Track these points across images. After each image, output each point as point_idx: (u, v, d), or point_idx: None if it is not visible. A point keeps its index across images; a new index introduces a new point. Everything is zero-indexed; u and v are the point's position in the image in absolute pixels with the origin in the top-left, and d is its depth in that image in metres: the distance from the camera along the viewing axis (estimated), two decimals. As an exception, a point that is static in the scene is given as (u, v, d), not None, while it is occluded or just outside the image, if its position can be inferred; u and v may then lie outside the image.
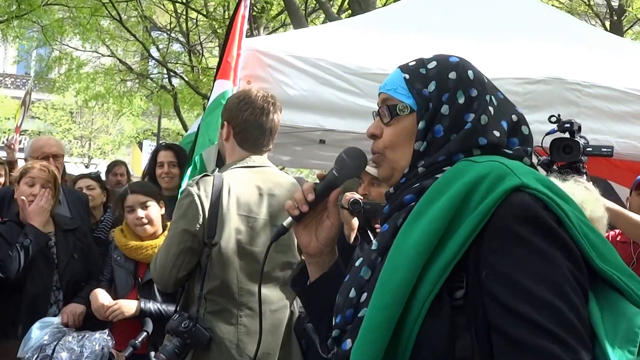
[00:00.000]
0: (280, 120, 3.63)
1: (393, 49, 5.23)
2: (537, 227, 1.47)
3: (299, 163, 9.79)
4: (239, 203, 3.40)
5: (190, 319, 3.32)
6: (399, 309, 1.50)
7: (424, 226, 1.54)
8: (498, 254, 1.47)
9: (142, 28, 19.78)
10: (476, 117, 1.68)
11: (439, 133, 1.69)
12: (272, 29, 18.74)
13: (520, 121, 1.75)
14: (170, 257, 3.34)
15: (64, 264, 4.51)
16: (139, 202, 4.34)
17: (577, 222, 1.50)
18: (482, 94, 1.71)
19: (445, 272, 1.49)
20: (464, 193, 1.53)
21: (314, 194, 1.86)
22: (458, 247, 1.50)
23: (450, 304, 1.50)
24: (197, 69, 19.36)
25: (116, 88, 21.10)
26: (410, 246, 1.53)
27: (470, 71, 1.75)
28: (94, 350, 3.98)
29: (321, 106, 4.85)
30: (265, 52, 4.82)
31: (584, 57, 5.51)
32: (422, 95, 1.73)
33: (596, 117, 4.99)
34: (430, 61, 1.79)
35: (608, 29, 16.61)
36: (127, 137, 29.51)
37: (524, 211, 1.48)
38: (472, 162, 1.61)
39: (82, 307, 4.37)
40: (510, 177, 1.52)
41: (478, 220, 1.49)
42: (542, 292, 1.41)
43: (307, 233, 1.92)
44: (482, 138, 1.67)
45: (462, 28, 5.66)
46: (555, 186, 1.57)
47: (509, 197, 1.49)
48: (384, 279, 1.55)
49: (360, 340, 1.54)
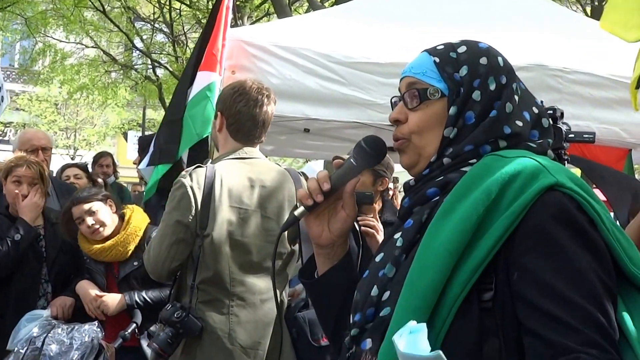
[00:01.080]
0: (274, 111, 3.62)
1: (377, 38, 5.27)
2: (571, 229, 1.43)
3: (283, 152, 9.82)
4: (230, 194, 3.42)
5: (182, 309, 3.35)
6: (428, 312, 1.45)
7: (454, 224, 1.48)
8: (531, 255, 1.43)
9: (126, 19, 19.70)
10: (502, 104, 1.63)
11: (470, 120, 1.64)
12: (256, 18, 18.69)
13: (541, 113, 1.70)
14: (164, 248, 3.36)
15: (52, 257, 4.49)
16: (84, 211, 4.24)
17: (610, 224, 1.46)
18: (510, 82, 1.67)
19: (476, 273, 1.45)
20: (496, 190, 1.48)
21: (329, 183, 1.76)
22: (490, 247, 1.45)
23: (479, 306, 1.45)
24: (181, 60, 19.29)
25: (101, 79, 21.02)
26: (440, 245, 1.48)
27: (500, 58, 1.70)
28: (84, 341, 3.96)
29: (306, 95, 4.85)
30: (250, 42, 4.82)
31: (565, 43, 5.54)
32: (454, 79, 1.67)
33: (578, 103, 5.03)
34: (460, 45, 1.73)
35: (589, 14, 16.65)
36: (112, 128, 29.40)
37: (559, 212, 1.44)
38: (500, 157, 1.55)
39: (71, 300, 4.36)
40: (544, 175, 1.47)
41: (511, 220, 1.45)
42: (576, 295, 1.37)
43: (319, 224, 1.83)
44: (507, 127, 1.62)
45: (444, 16, 5.67)
46: (586, 185, 1.51)
47: (543, 196, 1.45)
48: (412, 279, 1.49)
49: (389, 343, 1.44)
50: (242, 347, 3.40)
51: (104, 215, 4.27)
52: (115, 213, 4.37)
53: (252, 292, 3.45)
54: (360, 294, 1.66)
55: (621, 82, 5.09)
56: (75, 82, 21.26)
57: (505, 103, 1.64)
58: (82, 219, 4.24)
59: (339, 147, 7.71)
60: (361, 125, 6.56)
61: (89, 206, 4.24)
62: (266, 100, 3.54)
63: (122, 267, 4.28)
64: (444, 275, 1.45)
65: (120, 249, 4.24)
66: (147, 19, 20.68)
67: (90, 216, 4.24)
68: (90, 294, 4.20)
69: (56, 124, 29.16)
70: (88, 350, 3.96)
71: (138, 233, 4.29)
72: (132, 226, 4.30)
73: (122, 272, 4.27)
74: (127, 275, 4.25)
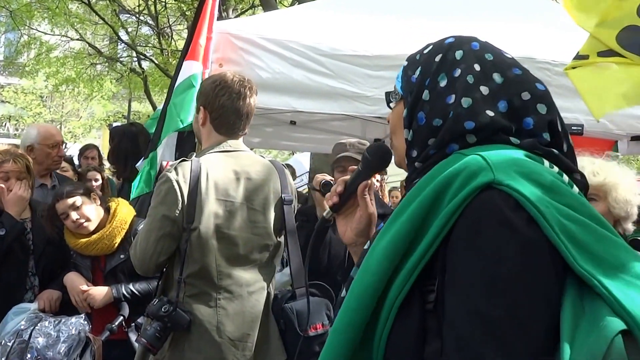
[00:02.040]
0: (256, 103, 3.64)
1: (364, 30, 5.27)
2: (501, 228, 1.36)
3: (269, 144, 9.81)
4: (216, 187, 3.43)
5: (170, 303, 3.37)
6: (365, 313, 1.47)
7: (396, 228, 1.49)
8: (458, 257, 1.39)
9: (111, 11, 19.57)
10: (457, 100, 1.58)
11: (422, 120, 1.63)
12: (241, 10, 18.62)
13: (536, 98, 1.60)
14: (151, 243, 3.37)
15: (39, 250, 4.47)
16: (68, 206, 4.23)
17: (557, 220, 1.37)
18: (466, 72, 1.60)
19: (412, 275, 1.44)
20: (438, 191, 1.45)
21: (343, 186, 1.92)
22: (424, 250, 1.43)
23: (422, 308, 1.44)
24: (166, 52, 19.20)
25: (86, 72, 20.89)
26: (381, 249, 1.49)
27: (459, 51, 1.65)
28: (71, 334, 3.96)
29: (292, 88, 4.85)
30: (237, 34, 4.81)
31: (553, 36, 5.55)
32: (410, 82, 1.70)
33: (566, 96, 5.03)
34: (429, 46, 1.73)
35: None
36: (98, 121, 29.26)
37: (489, 212, 1.38)
38: (460, 155, 1.51)
39: (58, 293, 4.36)
40: (484, 173, 1.41)
41: (445, 222, 1.41)
42: (493, 310, 1.32)
43: (345, 223, 1.95)
44: (469, 122, 1.56)
45: (432, 9, 5.69)
46: (544, 177, 1.44)
47: (479, 195, 1.40)
48: (355, 281, 1.53)
49: (328, 342, 1.53)
50: (230, 339, 3.42)
51: (88, 209, 4.27)
52: (100, 206, 4.35)
53: (239, 284, 3.47)
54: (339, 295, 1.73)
55: (608, 74, 5.11)
56: (61, 74, 21.13)
57: (461, 98, 1.58)
58: (66, 214, 4.24)
59: (325, 140, 7.71)
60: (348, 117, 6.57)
61: (72, 201, 4.24)
62: (248, 92, 3.56)
63: (109, 261, 4.27)
64: (380, 278, 1.47)
65: (107, 242, 4.23)
66: (132, 12, 20.56)
67: (75, 211, 4.23)
68: (77, 287, 4.19)
69: (42, 117, 28.98)
70: (75, 343, 3.96)
71: (124, 226, 4.28)
72: (118, 219, 4.29)
73: (109, 266, 4.26)
74: (114, 268, 4.24)
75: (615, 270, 1.37)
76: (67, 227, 4.30)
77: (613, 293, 1.32)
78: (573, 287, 1.36)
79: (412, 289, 1.45)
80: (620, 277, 1.36)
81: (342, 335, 1.49)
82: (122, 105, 28.31)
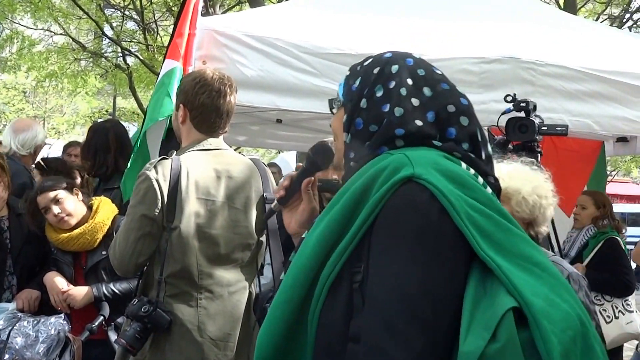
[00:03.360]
0: (236, 101, 3.62)
1: (350, 28, 5.24)
2: (415, 218, 1.56)
3: (255, 142, 9.77)
4: (197, 186, 3.40)
5: (150, 303, 3.33)
6: (300, 290, 1.65)
7: (330, 215, 1.67)
8: (378, 245, 1.58)
9: (95, 6, 19.44)
10: (391, 109, 1.76)
11: (359, 126, 1.81)
12: (228, 6, 18.57)
13: (460, 112, 1.79)
14: (130, 243, 3.34)
15: (17, 249, 4.42)
16: (49, 200, 4.18)
17: (465, 211, 1.57)
18: (399, 85, 1.79)
19: (341, 258, 1.62)
20: (367, 184, 1.64)
21: (289, 181, 2.13)
22: (352, 236, 1.61)
23: (350, 287, 1.61)
24: (152, 48, 19.09)
25: (70, 67, 20.75)
26: (315, 235, 1.68)
27: (395, 65, 1.83)
28: (50, 334, 3.94)
29: (277, 86, 4.82)
30: (221, 31, 4.76)
31: (538, 36, 5.57)
32: (350, 90, 1.87)
33: (551, 96, 5.06)
34: (369, 58, 1.91)
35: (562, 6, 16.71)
36: (82, 117, 29.04)
37: (406, 202, 1.58)
38: (388, 154, 1.70)
39: (37, 292, 4.30)
40: (405, 169, 1.61)
41: (369, 211, 1.60)
42: (407, 287, 1.51)
43: (290, 216, 2.17)
44: (399, 129, 1.74)
45: (418, 7, 5.67)
46: (458, 175, 1.64)
47: (400, 188, 1.59)
48: (293, 263, 1.72)
49: (267, 317, 1.70)
50: (211, 339, 3.40)
51: (70, 203, 4.21)
52: (82, 201, 4.30)
53: (220, 284, 3.44)
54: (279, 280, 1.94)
55: (593, 74, 5.15)
56: (44, 69, 20.99)
57: (394, 108, 1.76)
58: (48, 208, 4.18)
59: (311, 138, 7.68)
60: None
61: (54, 194, 4.18)
62: (229, 90, 3.52)
63: (90, 257, 4.23)
64: (315, 260, 1.64)
65: (88, 238, 4.19)
66: (117, 6, 20.41)
67: (56, 205, 4.18)
68: (57, 287, 4.14)
69: (24, 112, 28.76)
70: (54, 343, 3.94)
71: (106, 222, 4.24)
72: (100, 215, 4.25)
73: (90, 262, 4.21)
74: (95, 265, 4.19)
75: (514, 256, 1.58)
76: (49, 222, 4.25)
77: (508, 275, 1.53)
78: (477, 271, 1.57)
79: (342, 270, 1.62)
80: (517, 263, 1.57)
81: (279, 310, 1.67)
82: (107, 101, 28.15)
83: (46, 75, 21.01)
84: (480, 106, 4.91)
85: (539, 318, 1.48)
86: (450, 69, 4.84)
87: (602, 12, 19.51)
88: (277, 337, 1.67)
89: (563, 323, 1.50)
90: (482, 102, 4.90)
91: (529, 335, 1.48)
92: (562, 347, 1.47)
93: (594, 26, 7.36)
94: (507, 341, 1.46)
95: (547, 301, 1.52)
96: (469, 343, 1.46)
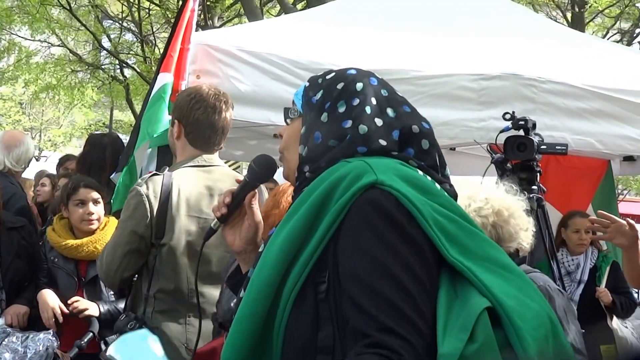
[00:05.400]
0: (232, 117, 3.63)
1: (345, 43, 5.20)
2: (384, 223, 1.58)
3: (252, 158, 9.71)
4: (189, 204, 3.40)
5: (137, 319, 3.32)
6: (264, 303, 1.63)
7: (290, 226, 1.66)
8: (349, 250, 1.59)
9: (93, 17, 19.43)
10: (354, 126, 1.76)
11: (318, 139, 1.80)
12: (227, 19, 18.57)
13: (423, 134, 1.81)
14: (117, 257, 3.34)
15: (7, 263, 4.39)
16: (91, 198, 4.27)
17: (432, 216, 1.60)
18: (363, 104, 1.79)
19: (305, 268, 1.61)
20: (327, 192, 1.64)
21: (230, 197, 2.04)
22: (316, 244, 1.61)
23: (315, 297, 1.61)
24: (149, 60, 19.04)
25: (67, 79, 20.73)
26: (276, 245, 1.66)
27: (359, 83, 1.84)
28: (38, 351, 3.94)
29: (272, 101, 4.75)
30: (215, 46, 4.73)
31: (540, 52, 5.50)
32: (310, 102, 1.87)
33: (552, 114, 4.99)
34: (332, 73, 1.91)
35: (569, 21, 16.67)
36: (79, 129, 29.04)
37: (373, 208, 1.59)
38: (345, 162, 1.70)
39: (25, 308, 4.30)
40: (367, 175, 1.62)
41: (333, 218, 1.61)
42: (385, 288, 1.53)
43: (233, 233, 2.07)
44: (362, 147, 1.74)
45: (417, 23, 5.63)
46: (420, 181, 1.67)
47: (363, 194, 1.60)
48: (254, 276, 1.70)
49: (231, 331, 1.68)
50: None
51: (101, 209, 4.32)
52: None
53: (211, 302, 3.39)
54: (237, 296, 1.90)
55: (596, 92, 5.07)
56: (41, 81, 20.99)
57: (358, 125, 1.76)
58: (85, 202, 4.25)
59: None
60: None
61: (97, 196, 4.30)
62: (224, 106, 3.53)
63: (90, 268, 4.22)
64: (278, 271, 1.63)
65: (92, 248, 4.21)
66: (115, 18, 20.42)
67: (94, 204, 4.27)
68: (48, 305, 4.12)
69: (21, 124, 28.76)
70: (43, 359, 3.94)
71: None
72: (109, 230, 4.26)
73: (89, 275, 4.23)
74: (94, 278, 4.19)
75: (481, 259, 1.61)
76: (73, 218, 4.29)
77: (480, 277, 1.57)
78: (446, 275, 1.60)
79: (305, 281, 1.62)
80: (484, 265, 1.60)
81: (243, 325, 1.65)
82: (104, 113, 28.15)
83: (43, 87, 21.01)
84: (480, 123, 4.85)
85: (512, 317, 1.53)
86: (448, 86, 4.82)
87: (611, 26, 19.47)
88: (242, 352, 1.65)
89: (534, 321, 1.55)
90: (481, 120, 4.85)
91: (503, 335, 1.52)
92: (537, 345, 1.52)
93: (597, 43, 7.28)
94: (485, 341, 1.49)
95: (517, 301, 1.56)
96: (447, 345, 1.49)
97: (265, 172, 2.09)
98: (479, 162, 6.46)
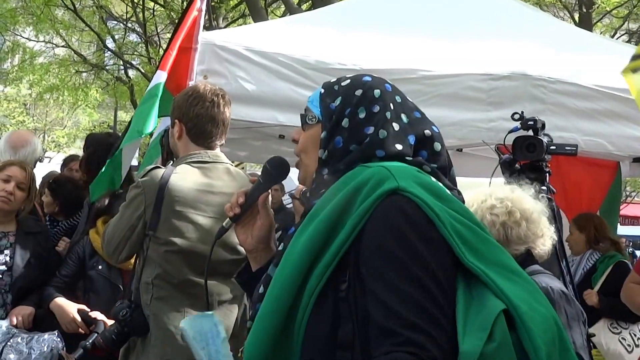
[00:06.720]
0: (230, 114, 3.67)
1: (353, 43, 5.19)
2: (407, 226, 1.65)
3: (257, 158, 9.69)
4: (186, 199, 3.44)
5: (129, 307, 3.42)
6: (287, 301, 1.68)
7: (314, 226, 1.73)
8: (373, 252, 1.65)
9: (98, 18, 19.43)
10: (375, 131, 1.86)
11: (339, 144, 1.89)
12: (231, 19, 18.56)
13: (434, 138, 1.91)
14: (114, 240, 3.50)
15: (19, 268, 4.34)
16: None
17: (449, 222, 1.67)
18: (384, 110, 1.89)
19: (329, 268, 1.67)
20: (349, 196, 1.72)
21: (244, 198, 2.11)
22: (339, 246, 1.68)
23: (335, 296, 1.68)
24: (154, 61, 19.03)
25: (71, 80, 20.74)
26: (300, 244, 1.72)
27: (377, 90, 1.92)
28: (43, 351, 3.95)
29: (279, 101, 4.77)
30: (222, 46, 4.72)
31: (550, 52, 5.47)
32: (329, 108, 1.94)
33: (562, 114, 4.96)
34: (346, 79, 1.99)
35: (577, 21, 16.61)
36: (83, 130, 29.01)
37: (397, 212, 1.66)
38: (365, 167, 1.79)
39: (30, 308, 4.27)
40: (389, 181, 1.70)
41: (356, 222, 1.68)
42: (409, 288, 1.58)
43: (245, 232, 2.15)
44: (380, 151, 1.84)
45: (424, 23, 5.61)
46: (435, 188, 1.75)
47: (386, 199, 1.68)
48: (277, 274, 1.76)
49: (254, 327, 1.74)
50: None
51: None
52: None
53: (209, 293, 3.36)
54: (255, 292, 1.93)
55: (607, 92, 5.04)
56: (45, 82, 20.99)
57: (379, 130, 1.86)
58: None
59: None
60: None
61: None
62: (222, 101, 3.59)
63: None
64: (300, 270, 1.69)
65: None
66: (119, 19, 20.43)
67: None
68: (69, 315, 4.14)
69: (25, 125, 28.76)
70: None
71: None
72: None
73: None
74: None
75: (494, 264, 1.68)
76: None
77: (495, 281, 1.64)
78: (462, 279, 1.67)
79: (328, 280, 1.68)
80: (496, 270, 1.67)
81: (266, 321, 1.70)
82: (108, 114, 28.15)
83: (47, 88, 21.01)
84: (489, 124, 4.81)
85: (525, 320, 1.60)
86: (456, 86, 4.78)
87: (619, 27, 19.40)
88: (264, 348, 1.69)
89: (543, 325, 1.62)
90: (490, 120, 4.83)
91: (516, 336, 1.59)
92: (546, 348, 1.59)
93: (607, 43, 7.22)
94: (502, 341, 1.56)
95: (527, 304, 1.63)
96: (467, 343, 1.55)
97: (279, 174, 2.15)
98: (486, 164, 6.44)
